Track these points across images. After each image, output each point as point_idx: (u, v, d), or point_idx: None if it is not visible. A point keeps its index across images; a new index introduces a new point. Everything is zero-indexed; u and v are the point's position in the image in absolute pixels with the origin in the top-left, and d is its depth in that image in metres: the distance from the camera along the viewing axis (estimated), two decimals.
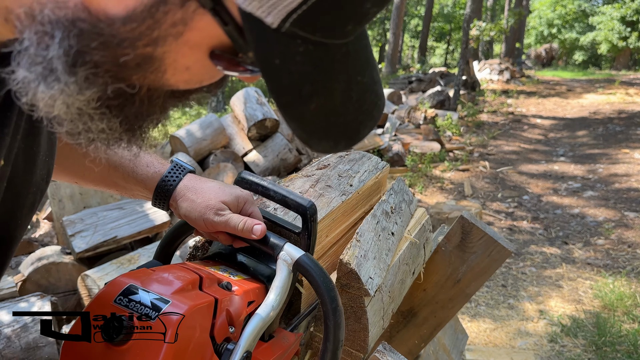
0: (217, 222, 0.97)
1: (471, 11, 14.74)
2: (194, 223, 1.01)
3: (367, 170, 1.54)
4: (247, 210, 1.04)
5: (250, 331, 0.81)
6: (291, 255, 0.92)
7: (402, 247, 1.38)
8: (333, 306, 0.87)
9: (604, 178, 8.54)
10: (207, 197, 1.00)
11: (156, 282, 0.77)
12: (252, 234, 0.95)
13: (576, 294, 4.70)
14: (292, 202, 1.01)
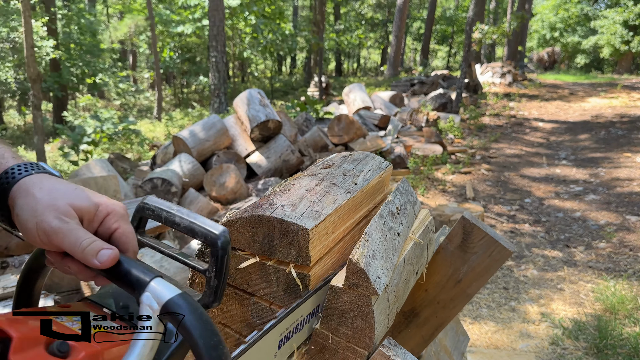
0: (54, 229, 0.68)
1: (474, 14, 14.76)
2: (24, 229, 0.71)
3: (371, 170, 1.55)
4: (110, 225, 0.76)
5: None
6: (158, 298, 0.64)
7: (407, 247, 1.39)
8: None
9: (606, 182, 8.55)
10: (54, 196, 0.72)
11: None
12: (95, 260, 0.68)
13: (578, 297, 4.70)
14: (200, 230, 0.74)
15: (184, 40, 22.81)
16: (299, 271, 1.18)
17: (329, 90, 21.38)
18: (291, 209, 1.19)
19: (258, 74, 36.42)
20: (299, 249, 1.16)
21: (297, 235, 1.14)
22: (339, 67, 40.69)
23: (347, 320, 1.17)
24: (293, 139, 8.76)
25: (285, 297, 1.22)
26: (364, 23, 39.31)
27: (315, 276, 1.20)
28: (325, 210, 1.22)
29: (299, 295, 1.19)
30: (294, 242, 1.16)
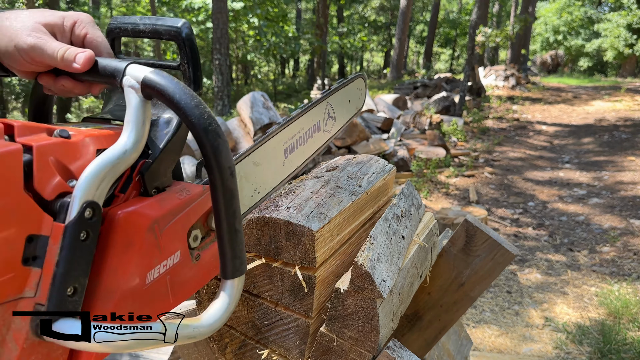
0: (31, 45, 0.75)
1: (477, 17, 14.76)
2: (8, 56, 0.78)
3: (375, 172, 1.55)
4: (80, 33, 0.82)
5: (86, 175, 0.64)
6: (136, 76, 0.70)
7: (412, 250, 1.39)
8: (203, 125, 0.68)
9: (610, 185, 8.53)
10: (22, 20, 0.77)
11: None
12: (75, 64, 0.75)
13: (581, 301, 4.69)
14: (163, 28, 0.83)
15: None
16: (305, 272, 1.19)
17: None
18: (297, 211, 1.19)
19: (261, 76, 36.46)
20: (305, 251, 1.16)
21: (303, 236, 1.15)
22: (341, 70, 40.73)
23: (352, 323, 1.17)
24: None
25: (291, 298, 1.22)
26: (367, 26, 39.34)
27: (321, 278, 1.21)
28: (330, 212, 1.22)
29: (304, 296, 1.20)
30: (299, 243, 1.16)
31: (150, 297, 0.76)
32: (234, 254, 0.74)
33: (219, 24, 14.70)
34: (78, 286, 0.65)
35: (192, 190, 0.84)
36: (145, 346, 0.66)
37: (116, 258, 0.70)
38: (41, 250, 0.62)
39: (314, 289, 1.18)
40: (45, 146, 0.64)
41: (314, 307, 1.20)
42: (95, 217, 0.65)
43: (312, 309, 1.20)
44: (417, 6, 40.75)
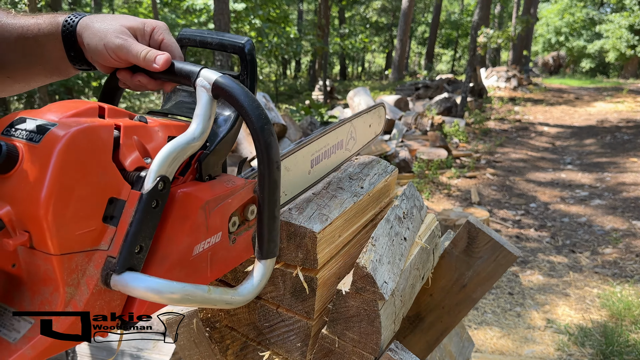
0: (118, 46, 0.88)
1: (479, 18, 14.76)
2: (97, 54, 0.92)
3: (377, 174, 1.55)
4: (157, 38, 0.96)
5: (162, 155, 0.77)
6: (208, 78, 0.84)
7: (413, 252, 1.39)
8: (260, 124, 0.81)
9: (612, 186, 8.52)
10: (109, 23, 0.92)
11: (48, 111, 0.73)
12: (154, 64, 0.88)
13: (583, 302, 4.68)
14: (228, 43, 0.98)
15: None
16: (306, 274, 1.18)
17: (334, 94, 21.40)
18: (298, 212, 1.19)
19: (263, 77, 36.50)
20: (307, 252, 1.16)
21: (305, 238, 1.15)
22: (343, 71, 40.74)
23: (354, 325, 1.16)
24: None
25: (293, 300, 1.22)
26: (368, 27, 39.36)
27: (323, 279, 1.21)
28: (332, 213, 1.22)
29: (305, 298, 1.20)
30: (301, 245, 1.16)
31: (193, 268, 0.87)
32: (270, 237, 0.87)
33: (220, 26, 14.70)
34: (144, 246, 0.76)
35: (236, 182, 0.96)
36: (192, 302, 0.77)
37: (172, 228, 0.81)
38: (118, 211, 0.74)
39: (316, 291, 1.18)
40: (129, 126, 0.77)
41: (316, 308, 1.20)
42: (165, 189, 0.77)
43: (314, 310, 1.20)
44: (418, 7, 40.76)
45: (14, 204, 0.67)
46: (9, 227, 0.66)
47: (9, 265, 0.69)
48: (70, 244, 0.69)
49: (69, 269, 0.69)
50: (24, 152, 0.67)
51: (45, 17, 0.99)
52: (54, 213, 0.65)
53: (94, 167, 0.70)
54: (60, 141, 0.66)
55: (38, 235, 0.66)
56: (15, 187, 0.67)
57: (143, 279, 0.73)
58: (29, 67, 1.06)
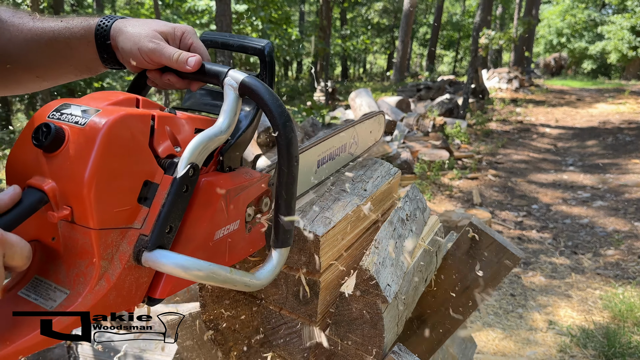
0: (152, 49, 0.95)
1: (480, 20, 14.75)
2: (131, 56, 0.99)
3: (380, 176, 1.55)
4: (187, 42, 1.02)
5: (194, 144, 0.83)
6: (236, 78, 0.91)
7: (417, 254, 1.38)
8: (282, 121, 0.88)
9: (614, 188, 8.50)
10: (141, 28, 0.99)
11: (90, 99, 0.80)
12: (187, 66, 0.95)
13: (586, 304, 4.67)
14: (249, 46, 1.04)
15: None
16: (309, 277, 1.18)
17: (335, 95, 21.39)
18: (302, 215, 1.19)
19: None
20: (310, 255, 1.16)
21: (308, 241, 1.15)
22: (345, 72, 40.73)
23: (357, 327, 1.16)
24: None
25: (295, 302, 1.22)
26: (370, 28, 39.35)
27: (325, 282, 1.20)
28: (335, 216, 1.22)
29: (308, 301, 1.20)
30: (304, 248, 1.16)
31: (214, 252, 0.92)
32: (286, 227, 0.94)
33: (222, 27, 14.70)
34: (173, 226, 0.82)
35: (253, 175, 1.02)
36: (215, 281, 0.83)
37: (197, 213, 0.87)
38: (152, 193, 0.81)
39: (318, 294, 1.18)
40: (162, 117, 0.84)
41: (318, 311, 1.20)
42: (194, 175, 0.83)
43: (317, 313, 1.20)
44: (420, 9, 40.75)
45: (59, 181, 0.72)
46: (52, 202, 0.72)
47: (49, 238, 0.74)
48: (108, 220, 0.74)
49: (105, 244, 0.74)
50: (70, 134, 0.73)
51: (76, 20, 1.05)
52: (96, 190, 0.71)
53: (133, 151, 0.76)
54: (105, 124, 0.72)
55: (80, 211, 0.72)
56: (61, 166, 0.72)
57: (172, 256, 0.78)
58: (59, 68, 1.11)
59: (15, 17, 1.07)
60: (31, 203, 0.71)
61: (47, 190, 0.72)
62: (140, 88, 1.07)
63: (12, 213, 0.70)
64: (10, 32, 1.06)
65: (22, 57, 1.08)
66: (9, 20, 1.07)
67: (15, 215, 0.70)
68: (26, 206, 0.71)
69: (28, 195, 0.71)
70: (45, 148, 0.72)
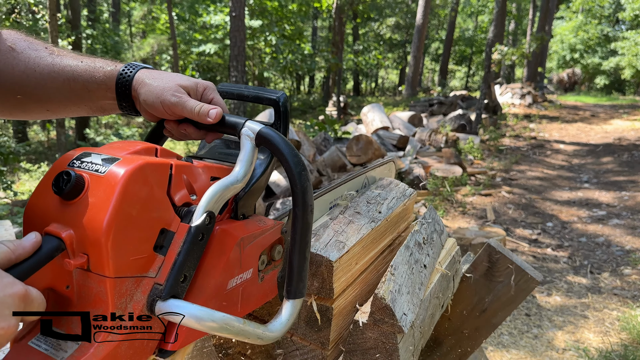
0: (174, 103, 0.98)
1: (494, 35, 14.75)
2: (153, 108, 1.01)
3: (395, 197, 1.51)
4: (208, 96, 1.05)
5: (210, 193, 0.84)
6: (252, 129, 0.94)
7: (434, 280, 1.34)
8: (298, 170, 0.90)
9: (630, 206, 8.37)
10: (164, 81, 1.01)
11: (110, 148, 0.82)
12: (208, 118, 0.97)
13: (603, 325, 4.57)
14: (264, 96, 1.07)
15: (205, 59, 23.11)
16: (322, 303, 1.14)
17: (347, 110, 21.42)
18: (315, 239, 1.16)
19: None
20: (323, 281, 1.12)
21: (321, 266, 1.11)
22: (356, 87, 40.84)
23: (371, 357, 1.12)
24: (311, 159, 8.75)
25: (307, 329, 1.18)
26: (382, 43, 39.50)
27: (338, 309, 1.17)
28: (349, 240, 1.18)
29: (320, 328, 1.16)
30: (317, 273, 1.12)
31: (226, 302, 0.91)
32: (300, 277, 0.93)
33: (236, 42, 14.82)
34: (188, 275, 0.82)
35: (267, 222, 1.01)
36: (229, 332, 0.81)
37: (211, 262, 0.87)
38: (167, 242, 0.81)
39: (331, 321, 1.14)
40: (180, 166, 0.85)
41: (331, 339, 1.16)
42: (210, 224, 0.84)
43: (329, 341, 1.16)
44: (432, 24, 40.87)
45: (77, 228, 0.72)
46: (69, 249, 0.72)
47: (64, 287, 0.74)
48: (124, 269, 0.74)
49: (119, 292, 0.74)
50: (90, 182, 0.74)
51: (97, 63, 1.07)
52: (113, 238, 0.71)
53: (151, 199, 0.78)
54: (125, 173, 0.74)
55: (96, 258, 0.72)
56: (80, 213, 0.72)
57: (186, 306, 0.78)
58: (72, 106, 1.13)
59: (31, 49, 1.07)
60: (49, 250, 0.71)
61: (64, 237, 0.72)
62: (158, 138, 1.10)
63: (30, 260, 0.69)
64: (26, 65, 1.06)
65: (36, 90, 1.08)
66: (25, 52, 1.07)
67: (33, 262, 0.69)
68: (44, 254, 0.70)
69: (46, 242, 0.71)
70: (64, 195, 0.72)
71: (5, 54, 1.05)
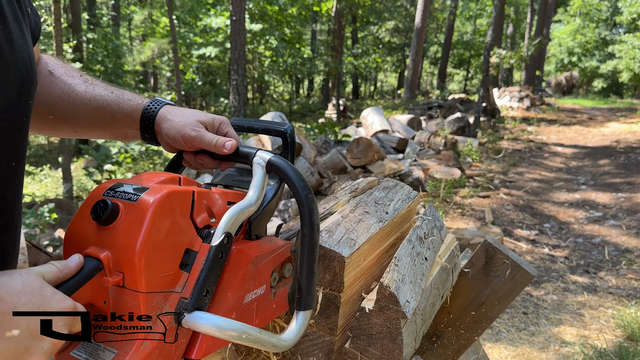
0: (194, 137, 1.09)
1: (492, 39, 14.86)
2: (174, 141, 1.13)
3: (401, 199, 1.61)
4: (223, 130, 1.16)
5: (228, 215, 0.94)
6: (263, 157, 1.04)
7: (434, 272, 1.45)
8: (304, 193, 1.00)
9: (626, 207, 8.49)
10: (185, 117, 1.13)
11: (139, 179, 0.92)
12: (224, 149, 1.08)
13: (598, 323, 4.68)
14: (272, 128, 1.19)
15: (205, 62, 23.19)
16: (331, 292, 1.24)
17: (347, 113, 21.53)
18: (328, 235, 1.26)
19: (276, 96, 36.77)
20: (334, 275, 1.22)
21: (334, 261, 1.21)
22: (356, 90, 40.93)
23: (376, 342, 1.22)
24: (312, 161, 8.85)
25: (317, 316, 1.28)
26: (381, 47, 39.61)
27: (345, 298, 1.27)
28: (359, 238, 1.29)
29: (329, 315, 1.26)
30: (329, 267, 1.22)
31: (243, 315, 1.01)
32: (309, 290, 1.03)
33: (236, 46, 14.93)
34: (210, 290, 0.91)
35: (278, 242, 1.11)
36: (247, 341, 0.90)
37: (229, 279, 0.96)
38: (191, 260, 0.90)
39: (339, 308, 1.24)
40: (200, 192, 0.95)
41: (339, 325, 1.26)
42: (228, 243, 0.93)
43: (337, 327, 1.26)
44: (431, 28, 40.98)
45: (113, 250, 0.82)
46: (106, 269, 0.81)
47: (101, 302, 0.83)
48: (155, 284, 0.84)
49: (150, 306, 0.83)
50: (123, 209, 0.83)
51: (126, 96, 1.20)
52: (145, 259, 0.81)
53: (177, 223, 0.87)
54: (154, 201, 0.83)
55: (130, 276, 0.81)
56: (115, 237, 0.82)
57: (210, 317, 0.87)
58: (98, 130, 1.25)
59: (68, 76, 1.19)
60: (89, 270, 0.80)
61: (102, 258, 0.81)
62: (177, 167, 1.21)
63: (74, 279, 0.79)
64: (61, 89, 1.17)
65: (67, 114, 1.19)
66: (62, 77, 1.18)
67: (76, 281, 0.79)
68: (86, 273, 0.80)
69: (87, 263, 0.81)
70: (102, 221, 0.82)
71: (45, 77, 1.17)
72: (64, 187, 10.75)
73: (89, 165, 11.39)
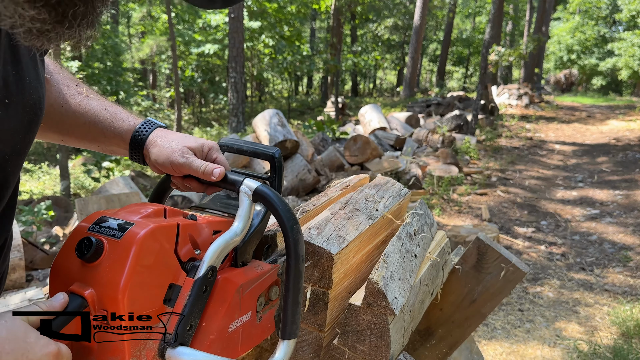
0: (182, 164, 1.10)
1: (490, 37, 14.85)
2: (163, 167, 1.14)
3: (391, 196, 1.62)
4: (212, 156, 1.16)
5: (213, 249, 0.93)
6: (250, 186, 1.03)
7: (423, 268, 1.45)
8: (290, 224, 0.99)
9: (624, 205, 8.51)
10: (174, 143, 1.14)
11: (124, 212, 0.92)
12: (212, 177, 1.08)
13: (593, 320, 4.69)
14: (261, 152, 1.19)
15: (204, 60, 23.17)
16: (319, 289, 1.25)
17: (345, 111, 21.52)
18: (317, 232, 1.26)
19: (275, 93, 36.76)
20: (323, 272, 1.23)
21: (322, 258, 1.21)
22: (355, 88, 40.91)
23: (364, 338, 1.23)
24: (310, 159, 8.86)
25: (305, 313, 1.28)
26: (380, 45, 39.56)
27: (334, 294, 1.27)
28: (348, 235, 1.29)
29: (318, 311, 1.26)
30: (318, 264, 1.22)
31: (228, 344, 1.00)
32: (293, 320, 1.02)
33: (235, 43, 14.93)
34: (193, 324, 0.91)
35: (264, 267, 1.11)
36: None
37: (214, 309, 0.96)
38: (175, 295, 0.90)
39: (327, 305, 1.25)
40: (185, 225, 0.94)
41: (327, 322, 1.27)
42: (212, 276, 0.94)
43: (325, 323, 1.26)
44: (430, 25, 40.94)
45: (97, 287, 0.82)
46: (91, 305, 0.82)
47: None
48: None
49: (134, 342, 0.84)
50: (108, 246, 0.83)
51: (119, 114, 1.21)
52: (129, 296, 0.81)
53: (161, 259, 0.87)
54: (138, 238, 0.83)
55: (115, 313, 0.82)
56: (99, 274, 0.82)
57: (192, 353, 0.88)
58: (86, 142, 1.25)
59: (63, 85, 1.20)
60: (74, 308, 0.81)
61: (86, 295, 0.81)
62: (165, 190, 1.22)
63: (60, 318, 0.79)
64: (55, 99, 1.18)
65: (57, 123, 1.20)
66: (57, 86, 1.19)
67: (62, 320, 0.79)
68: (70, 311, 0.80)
69: (71, 301, 0.81)
70: (86, 259, 0.82)
71: None
72: (62, 185, 10.76)
73: (87, 162, 11.39)
